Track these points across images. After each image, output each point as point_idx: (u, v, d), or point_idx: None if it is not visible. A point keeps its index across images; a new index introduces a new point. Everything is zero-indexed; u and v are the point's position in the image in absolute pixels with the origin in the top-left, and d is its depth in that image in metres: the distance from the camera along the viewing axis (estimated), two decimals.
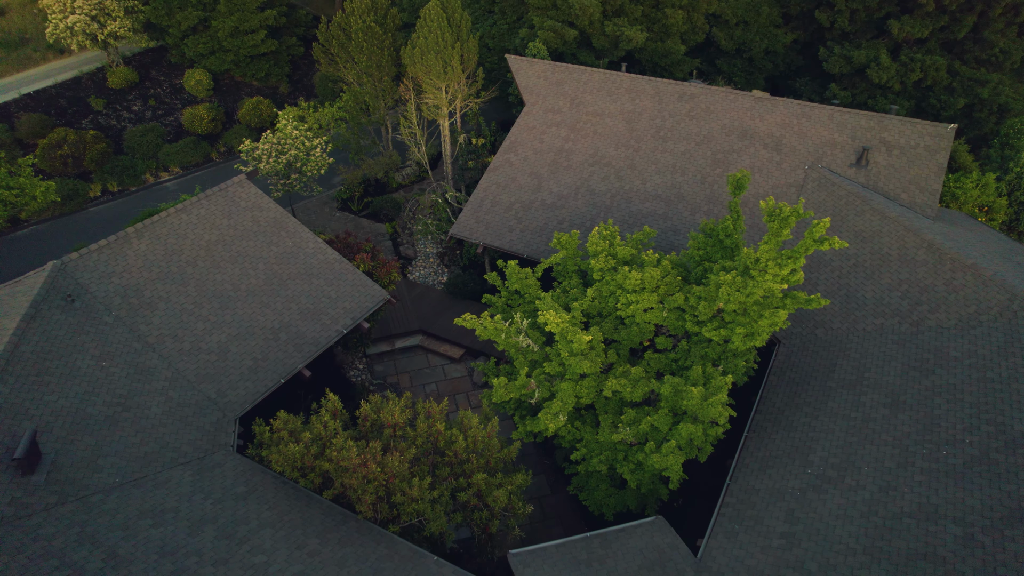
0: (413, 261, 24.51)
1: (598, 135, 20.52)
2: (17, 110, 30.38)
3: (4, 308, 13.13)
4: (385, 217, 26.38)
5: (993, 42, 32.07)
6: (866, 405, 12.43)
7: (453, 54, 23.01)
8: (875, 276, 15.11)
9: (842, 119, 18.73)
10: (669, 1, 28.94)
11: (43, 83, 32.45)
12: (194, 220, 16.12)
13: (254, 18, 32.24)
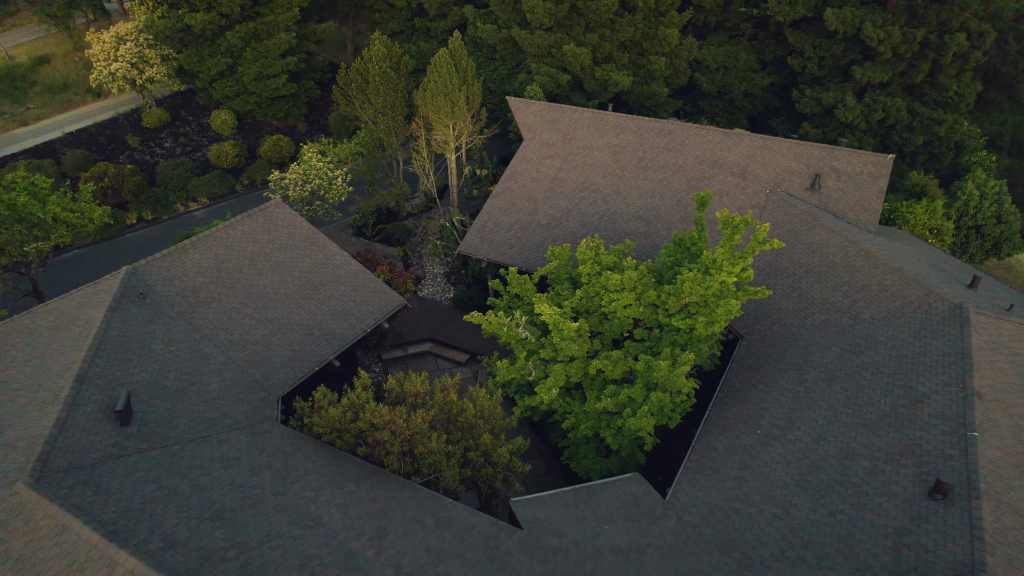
0: (423, 280, 27.34)
1: (587, 165, 23.62)
2: (62, 147, 33.67)
3: (90, 303, 15.87)
4: (396, 241, 29.32)
5: (947, 86, 35.64)
6: (808, 380, 15.10)
7: (460, 96, 26.32)
8: (822, 280, 17.93)
9: (798, 150, 21.85)
10: (653, 48, 32.51)
11: (84, 123, 35.84)
12: (239, 235, 19.01)
13: (276, 64, 35.76)
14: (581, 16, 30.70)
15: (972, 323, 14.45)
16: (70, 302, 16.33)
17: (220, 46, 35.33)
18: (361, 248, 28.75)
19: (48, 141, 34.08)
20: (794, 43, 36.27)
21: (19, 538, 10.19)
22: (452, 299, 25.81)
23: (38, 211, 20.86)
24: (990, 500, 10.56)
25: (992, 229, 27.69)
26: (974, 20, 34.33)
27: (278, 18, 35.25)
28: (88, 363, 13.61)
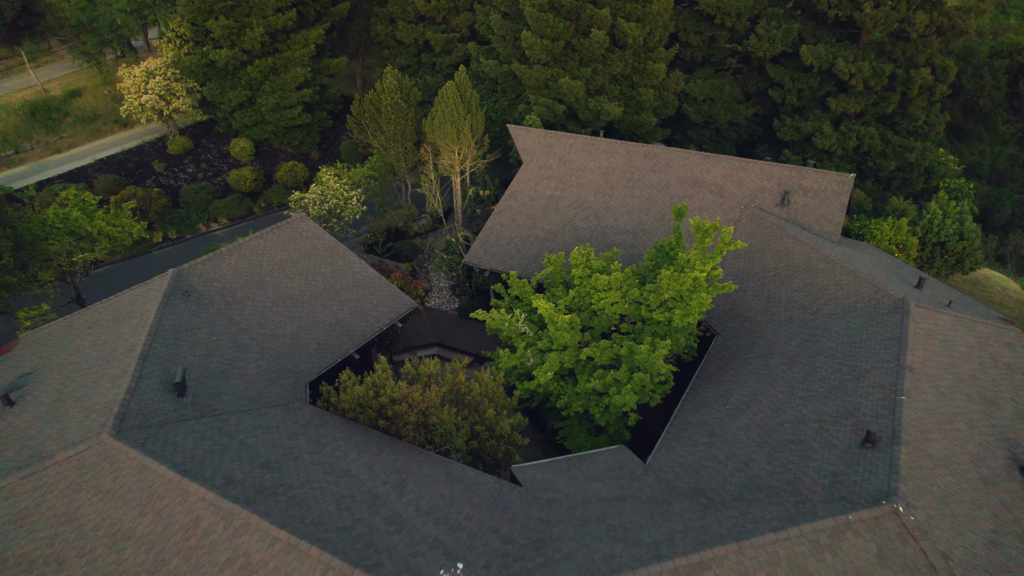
0: (429, 293, 29.77)
1: (581, 186, 26.26)
2: (94, 172, 36.46)
3: (143, 299, 18.27)
4: (405, 258, 31.84)
5: (917, 116, 38.56)
6: (771, 365, 17.43)
7: (465, 124, 29.14)
8: (788, 282, 20.37)
9: (770, 170, 24.50)
10: (642, 81, 35.51)
11: (113, 150, 38.71)
12: (269, 244, 21.51)
13: (292, 96, 38.77)
14: (575, 52, 33.77)
15: (912, 314, 16.83)
16: (124, 299, 18.74)
17: (241, 79, 38.39)
18: (372, 264, 31.25)
19: (81, 167, 36.86)
20: (774, 76, 39.33)
21: (107, 476, 12.42)
22: (457, 308, 28.22)
23: (86, 225, 23.39)
24: (908, 446, 12.81)
25: (955, 245, 30.19)
26: (938, 56, 37.42)
27: (295, 54, 38.35)
28: (148, 345, 15.96)
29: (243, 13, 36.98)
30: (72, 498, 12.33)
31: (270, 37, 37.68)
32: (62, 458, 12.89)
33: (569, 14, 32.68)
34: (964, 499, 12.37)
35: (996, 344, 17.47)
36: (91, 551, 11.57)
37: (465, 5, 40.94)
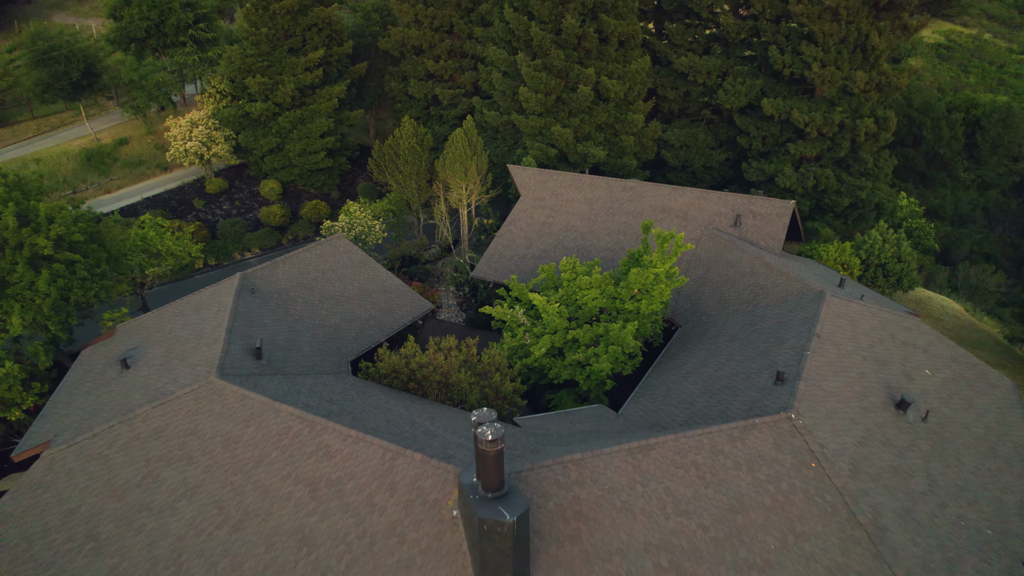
0: (440, 308, 34.74)
1: (569, 213, 31.63)
2: (142, 209, 41.84)
3: (218, 295, 23.25)
4: (418, 280, 36.92)
5: (866, 159, 44.42)
6: (719, 342, 22.36)
7: (471, 164, 34.73)
8: (736, 284, 25.47)
9: (726, 199, 29.92)
10: (623, 129, 41.44)
11: (156, 191, 44.24)
12: (314, 256, 26.64)
13: (317, 143, 44.60)
14: (565, 105, 39.79)
15: (827, 301, 21.86)
16: (203, 295, 23.72)
17: (272, 128, 44.33)
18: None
19: (130, 204, 42.29)
20: (741, 125, 45.48)
21: (217, 403, 17.16)
22: (464, 320, 33.14)
23: (158, 244, 28.52)
24: (806, 382, 17.65)
25: (894, 267, 35.39)
26: (880, 108, 43.57)
27: (320, 107, 44.40)
28: (231, 323, 20.86)
29: (276, 72, 43.17)
30: (192, 418, 17.04)
31: (299, 92, 43.76)
32: (181, 393, 17.64)
33: (560, 73, 38.83)
34: (844, 417, 17.15)
35: (896, 327, 22.46)
36: (211, 451, 16.23)
37: (469, 65, 47.38)
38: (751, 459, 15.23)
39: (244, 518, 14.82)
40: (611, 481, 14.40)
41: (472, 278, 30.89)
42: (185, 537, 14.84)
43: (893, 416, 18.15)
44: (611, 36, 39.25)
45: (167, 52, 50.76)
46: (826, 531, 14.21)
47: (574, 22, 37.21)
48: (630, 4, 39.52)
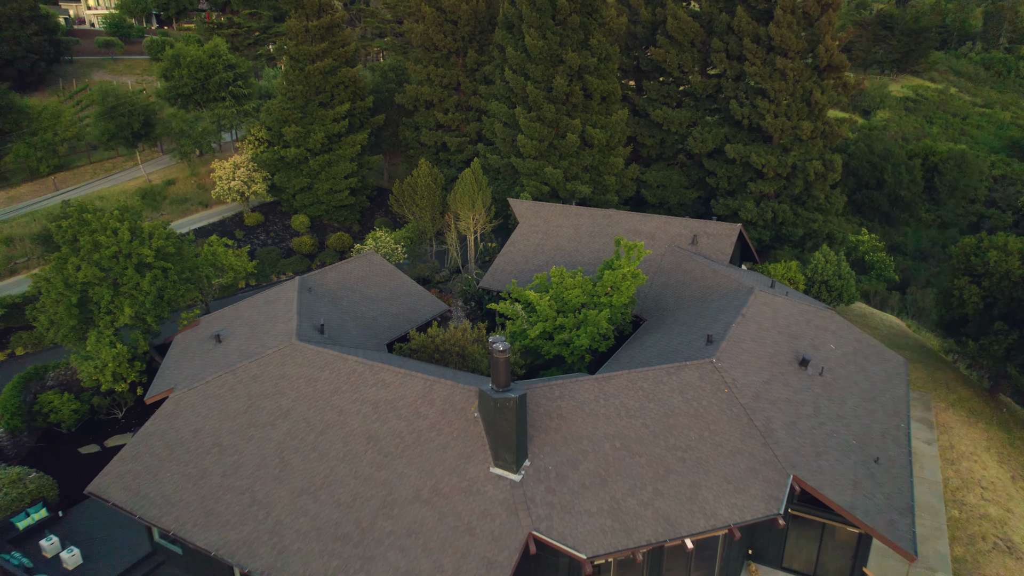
0: (449, 319, 41.60)
1: (559, 236, 38.90)
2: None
3: (283, 293, 30.19)
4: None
5: (817, 196, 52.04)
6: (673, 328, 29.28)
7: (478, 198, 42.19)
8: (690, 286, 32.56)
9: (686, 223, 37.24)
10: (606, 171, 49.20)
11: (200, 224, 51.59)
12: (354, 267, 33.75)
13: (342, 183, 52.26)
14: (556, 150, 47.62)
15: (755, 293, 28.88)
16: (270, 293, 30.67)
17: (303, 170, 52.05)
18: None
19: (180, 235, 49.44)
20: (709, 168, 53.34)
21: (299, 356, 23.95)
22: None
23: (223, 259, 35.59)
24: (728, 342, 24.48)
25: (835, 283, 42.48)
26: (827, 152, 51.50)
27: (345, 152, 52.25)
28: (299, 309, 27.75)
29: (308, 122, 51.16)
30: (280, 367, 23.79)
31: (327, 139, 51.68)
32: (270, 352, 24.43)
33: (551, 123, 46.81)
34: (754, 366, 23.94)
35: (812, 315, 29.44)
36: (297, 387, 22.93)
37: (474, 117, 55.55)
38: (682, 386, 22.02)
39: (326, 427, 21.48)
40: (582, 397, 21.17)
41: (479, 288, 37.94)
42: (284, 441, 21.45)
43: (796, 370, 24.96)
44: (594, 93, 47.41)
45: (209, 106, 59.02)
46: (730, 430, 20.88)
47: (563, 82, 45.36)
48: (610, 66, 47.83)
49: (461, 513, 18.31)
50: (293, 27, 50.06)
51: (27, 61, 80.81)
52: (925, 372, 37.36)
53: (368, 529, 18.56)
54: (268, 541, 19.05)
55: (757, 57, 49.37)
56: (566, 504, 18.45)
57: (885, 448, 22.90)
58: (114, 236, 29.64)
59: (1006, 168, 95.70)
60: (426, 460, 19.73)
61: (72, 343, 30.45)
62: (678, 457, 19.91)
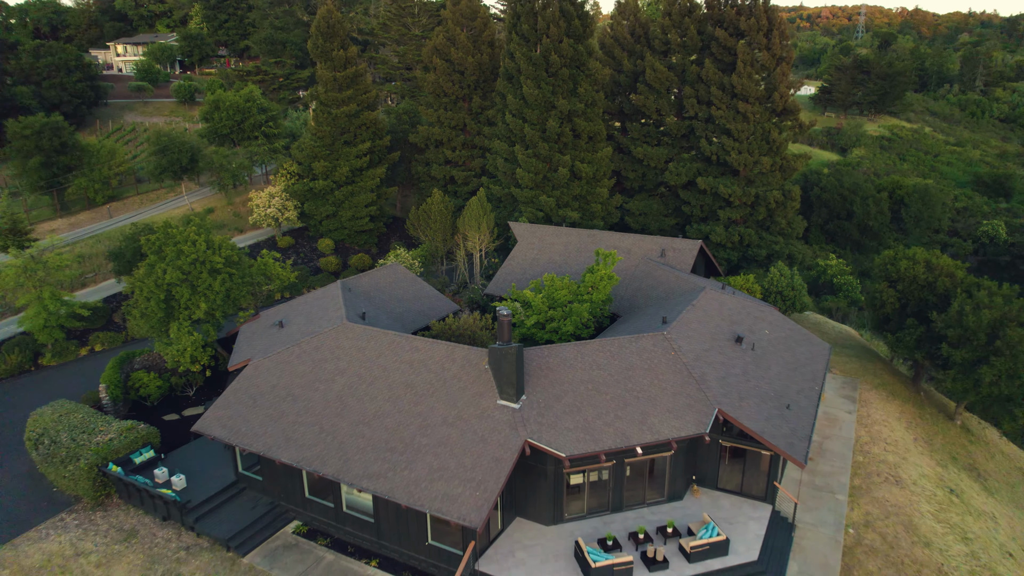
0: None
1: (551, 252, 47.05)
2: None
3: (329, 292, 38.16)
4: None
5: (779, 222, 60.45)
6: (641, 318, 37.20)
7: (483, 222, 50.47)
8: (657, 289, 40.60)
9: (656, 240, 45.45)
10: (592, 199, 57.69)
11: (238, 247, 59.72)
12: (382, 274, 41.84)
13: (362, 211, 60.67)
14: (549, 181, 56.18)
15: (705, 291, 36.86)
16: (316, 293, 38.62)
17: (329, 200, 60.50)
18: None
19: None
20: (684, 197, 61.88)
21: (349, 334, 31.81)
22: None
23: (273, 269, 43.60)
24: (679, 323, 32.33)
25: (788, 293, 50.51)
26: (787, 183, 60.10)
27: (365, 184, 60.78)
28: (344, 302, 35.65)
29: (334, 158, 59.81)
30: (335, 341, 31.59)
31: (350, 173, 60.25)
32: (326, 330, 32.27)
33: (545, 159, 55.46)
34: (698, 339, 31.71)
35: (753, 308, 37.36)
36: (349, 354, 30.72)
37: (478, 154, 64.34)
38: (639, 350, 29.83)
39: (374, 380, 29.22)
40: (564, 356, 29.00)
41: (484, 294, 45.90)
42: (342, 390, 29.17)
43: (732, 345, 32.79)
44: (582, 133, 56.20)
45: (243, 144, 67.89)
46: (673, 379, 28.62)
47: (555, 124, 54.15)
48: (596, 111, 56.72)
49: (476, 430, 25.97)
50: (323, 76, 59.09)
51: (71, 104, 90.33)
52: (860, 365, 45.11)
53: (409, 443, 26.19)
54: (335, 455, 26.63)
55: (723, 102, 58.34)
56: (551, 423, 26.13)
57: (797, 401, 30.60)
58: (193, 246, 37.73)
59: (968, 201, 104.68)
60: (451, 397, 27.46)
61: (157, 333, 38.25)
62: (633, 395, 27.65)
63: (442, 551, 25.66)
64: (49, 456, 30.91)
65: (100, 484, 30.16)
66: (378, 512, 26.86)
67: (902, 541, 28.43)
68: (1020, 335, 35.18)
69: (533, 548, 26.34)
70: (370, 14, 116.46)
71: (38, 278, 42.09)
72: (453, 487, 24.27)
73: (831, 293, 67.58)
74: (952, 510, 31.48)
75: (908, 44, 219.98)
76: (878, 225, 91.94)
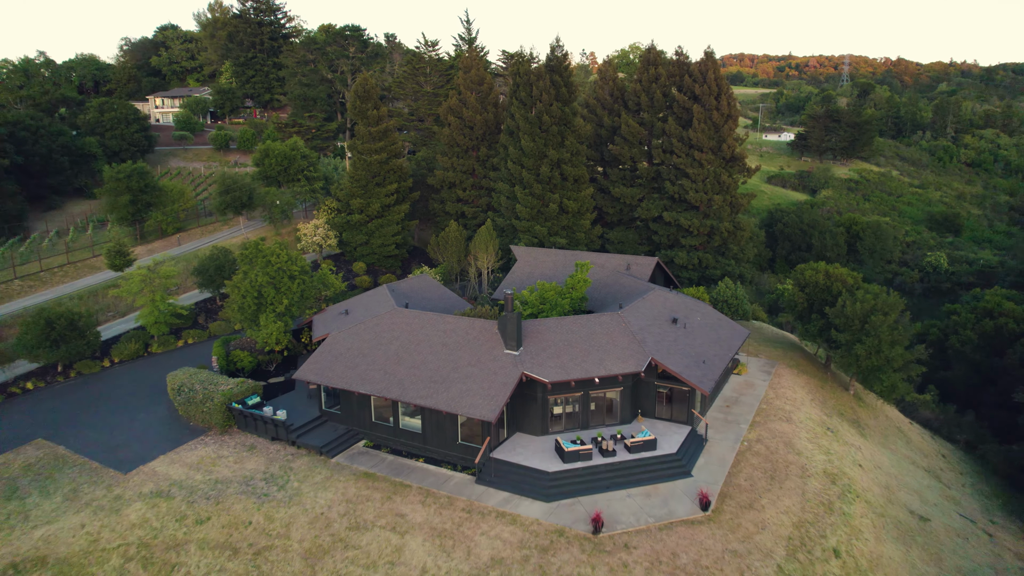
0: None
1: (543, 268, 62.28)
2: None
3: (379, 293, 53.16)
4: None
5: (732, 248, 75.99)
6: (606, 309, 52.15)
7: (490, 246, 65.84)
8: (621, 292, 55.68)
9: (624, 258, 60.72)
10: (577, 230, 73.22)
11: None
12: (415, 281, 57.04)
13: (390, 240, 76.26)
14: (542, 215, 71.86)
15: (654, 291, 51.86)
16: (369, 292, 53.61)
17: (363, 230, 76.08)
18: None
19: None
20: (654, 228, 77.48)
21: (399, 316, 46.74)
22: None
23: (329, 278, 58.62)
24: (630, 309, 47.17)
25: (732, 301, 65.52)
26: (739, 216, 75.77)
27: (392, 218, 76.47)
28: (392, 297, 50.61)
29: (368, 196, 75.64)
30: (391, 320, 46.46)
31: (380, 208, 75.94)
32: (382, 314, 47.16)
33: (538, 197, 71.28)
34: (643, 319, 46.48)
35: (690, 303, 52.30)
36: (402, 328, 45.55)
37: (485, 194, 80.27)
38: (600, 322, 44.65)
39: (420, 342, 44.01)
40: (548, 326, 43.91)
41: (491, 299, 60.91)
42: (398, 349, 43.95)
43: (669, 324, 47.61)
44: (569, 177, 72.07)
45: (288, 185, 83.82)
46: (622, 340, 43.36)
47: (547, 170, 70.04)
48: (579, 159, 72.71)
49: (490, 368, 40.64)
50: (360, 131, 75.25)
51: (129, 152, 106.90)
52: (785, 354, 59.77)
53: (446, 378, 40.82)
54: (395, 386, 41.19)
55: (682, 152, 74.40)
56: (539, 363, 40.83)
57: (711, 360, 45.27)
58: (278, 257, 52.92)
59: (917, 236, 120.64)
60: (472, 350, 42.19)
61: (249, 323, 53.03)
62: (594, 349, 42.40)
63: (468, 447, 40.05)
64: (189, 400, 45.46)
65: (226, 417, 44.63)
66: (424, 426, 41.33)
67: (780, 451, 42.75)
68: (882, 321, 50.07)
69: (528, 446, 40.76)
70: (386, 71, 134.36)
71: (154, 284, 57.12)
72: (475, 400, 38.84)
73: (782, 311, 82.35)
74: (824, 438, 45.82)
75: (885, 94, 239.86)
76: (835, 256, 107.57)
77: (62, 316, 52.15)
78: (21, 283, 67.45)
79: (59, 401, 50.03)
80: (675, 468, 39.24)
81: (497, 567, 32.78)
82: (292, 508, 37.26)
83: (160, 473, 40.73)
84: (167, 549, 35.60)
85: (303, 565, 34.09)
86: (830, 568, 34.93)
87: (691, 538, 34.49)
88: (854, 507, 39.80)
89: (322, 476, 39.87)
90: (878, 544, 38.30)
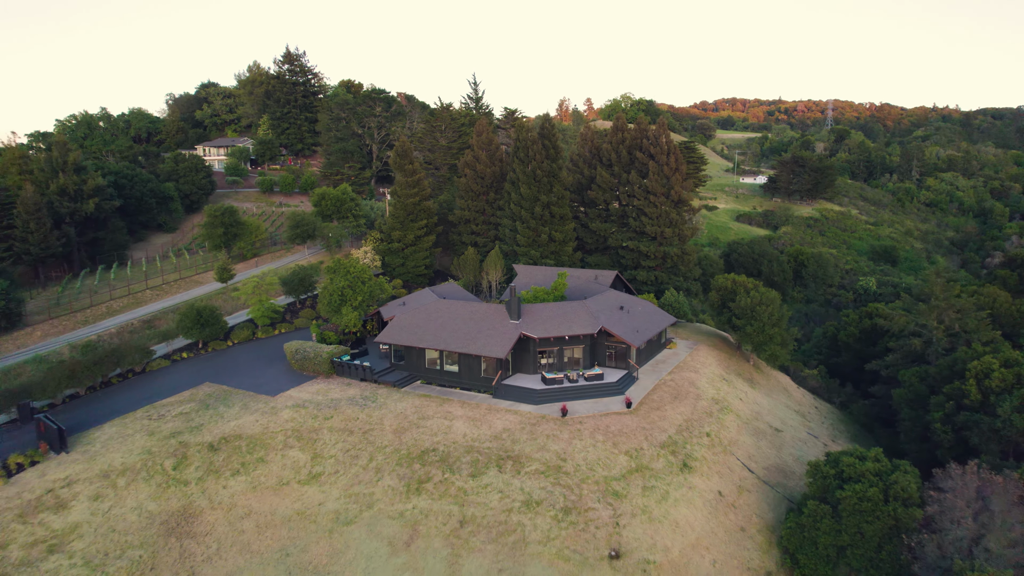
0: None
1: (536, 278, 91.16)
2: None
3: (424, 292, 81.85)
4: None
5: (682, 268, 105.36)
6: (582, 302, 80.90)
7: (497, 265, 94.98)
8: (588, 292, 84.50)
9: (593, 271, 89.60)
10: (563, 254, 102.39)
11: None
12: (446, 286, 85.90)
13: (421, 263, 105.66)
14: (536, 243, 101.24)
15: (609, 291, 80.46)
16: (414, 294, 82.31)
17: (400, 255, 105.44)
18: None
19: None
20: (622, 254, 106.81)
21: (443, 304, 75.45)
22: None
23: (385, 285, 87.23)
24: (590, 300, 75.77)
25: (676, 305, 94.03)
26: (683, 245, 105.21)
27: (422, 246, 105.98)
28: (435, 292, 79.28)
29: (404, 229, 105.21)
30: (435, 307, 75.06)
31: (414, 239, 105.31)
32: (428, 303, 75.74)
33: (534, 230, 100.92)
34: (600, 307, 74.90)
35: (635, 300, 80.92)
36: (443, 313, 74.12)
37: (493, 227, 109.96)
38: (572, 306, 73.23)
39: (455, 318, 72.73)
40: (537, 307, 72.56)
41: (501, 300, 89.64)
42: (441, 324, 72.58)
43: (617, 310, 76.14)
44: (556, 215, 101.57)
45: (339, 220, 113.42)
46: (584, 315, 71.82)
47: (540, 210, 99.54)
48: (564, 201, 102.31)
49: (499, 330, 69.11)
50: (399, 180, 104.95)
51: (196, 195, 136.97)
52: (707, 339, 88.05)
53: (472, 337, 69.29)
54: (442, 343, 69.61)
55: (642, 196, 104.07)
56: (531, 327, 69.32)
57: (643, 330, 73.62)
58: (355, 267, 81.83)
59: (855, 264, 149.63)
60: (489, 321, 70.74)
61: (333, 314, 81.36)
62: (566, 320, 70.89)
63: (487, 378, 68.15)
64: (304, 357, 73.76)
65: (330, 367, 72.75)
66: (460, 367, 69.51)
67: (685, 386, 70.74)
68: (764, 310, 78.60)
69: (524, 378, 68.99)
70: (405, 126, 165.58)
71: (261, 289, 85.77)
72: (491, 347, 67.16)
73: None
74: (720, 383, 73.78)
75: (859, 139, 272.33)
76: (781, 280, 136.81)
77: (205, 308, 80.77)
78: (151, 292, 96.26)
79: (207, 364, 78.36)
80: (613, 390, 67.43)
81: (506, 433, 60.72)
82: (382, 410, 65.35)
83: (295, 396, 68.82)
84: (310, 432, 63.55)
85: (393, 437, 62.01)
86: (702, 441, 62.85)
87: (618, 420, 62.53)
88: (727, 416, 67.84)
89: (397, 396, 67.99)
90: (738, 435, 66.25)
